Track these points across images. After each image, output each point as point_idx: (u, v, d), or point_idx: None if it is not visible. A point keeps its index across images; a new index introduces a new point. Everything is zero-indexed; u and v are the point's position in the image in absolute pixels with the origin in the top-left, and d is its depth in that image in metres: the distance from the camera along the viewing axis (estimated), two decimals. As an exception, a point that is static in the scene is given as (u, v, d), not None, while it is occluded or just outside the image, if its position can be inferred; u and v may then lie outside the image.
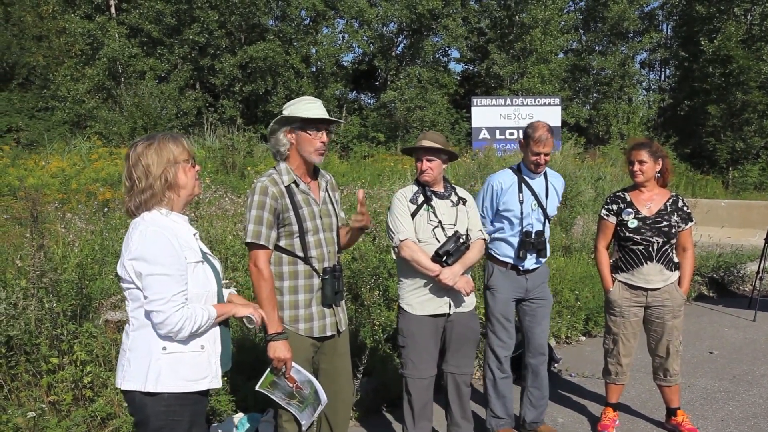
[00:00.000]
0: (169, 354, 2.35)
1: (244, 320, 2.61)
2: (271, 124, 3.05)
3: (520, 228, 3.96)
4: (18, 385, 3.78)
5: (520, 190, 3.98)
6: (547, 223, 4.08)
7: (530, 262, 4.00)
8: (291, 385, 2.97)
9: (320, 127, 3.05)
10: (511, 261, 4.00)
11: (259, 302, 2.91)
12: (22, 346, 3.87)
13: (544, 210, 4.03)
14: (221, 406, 4.07)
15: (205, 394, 2.47)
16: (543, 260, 4.09)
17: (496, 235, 4.04)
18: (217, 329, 2.48)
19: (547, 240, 4.06)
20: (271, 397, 3.01)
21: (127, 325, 2.43)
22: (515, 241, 3.98)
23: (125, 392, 2.39)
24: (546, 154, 3.91)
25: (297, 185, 3.04)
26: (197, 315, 2.37)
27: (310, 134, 3.02)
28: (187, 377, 2.37)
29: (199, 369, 2.40)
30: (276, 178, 3.01)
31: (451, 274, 3.47)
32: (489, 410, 4.09)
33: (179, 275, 2.33)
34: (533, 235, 3.95)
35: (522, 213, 3.95)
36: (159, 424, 2.36)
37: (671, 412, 4.32)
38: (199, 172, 2.54)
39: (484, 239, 3.77)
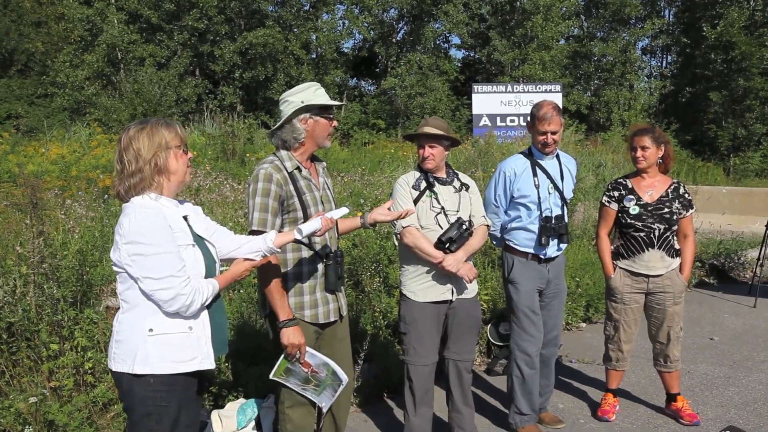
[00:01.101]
0: (155, 336, 2.33)
1: (298, 235, 2.62)
2: (290, 113, 2.97)
3: (538, 213, 3.80)
4: (20, 371, 3.78)
5: (535, 174, 3.82)
6: (565, 207, 3.93)
7: (552, 249, 3.87)
8: (306, 370, 2.97)
9: (332, 112, 3.08)
10: (531, 251, 3.86)
11: (266, 291, 2.89)
12: (23, 333, 3.87)
13: (561, 193, 3.88)
14: (222, 392, 4.08)
15: (196, 376, 2.44)
16: (564, 246, 3.95)
17: (513, 224, 3.88)
18: (205, 310, 2.45)
19: (566, 224, 3.91)
20: (286, 384, 3.00)
21: (119, 308, 2.43)
22: (535, 228, 3.81)
23: (114, 373, 2.39)
24: (554, 133, 3.74)
25: (300, 171, 3.02)
26: (203, 288, 2.37)
27: (327, 120, 3.04)
28: (175, 359, 2.35)
29: (187, 350, 2.37)
30: (278, 164, 2.97)
31: (454, 261, 3.45)
32: (513, 407, 3.95)
33: (176, 251, 2.32)
34: (553, 220, 3.80)
35: (539, 197, 3.81)
36: (146, 411, 2.36)
37: (671, 398, 4.33)
38: (192, 160, 2.52)
39: (488, 225, 3.74)
